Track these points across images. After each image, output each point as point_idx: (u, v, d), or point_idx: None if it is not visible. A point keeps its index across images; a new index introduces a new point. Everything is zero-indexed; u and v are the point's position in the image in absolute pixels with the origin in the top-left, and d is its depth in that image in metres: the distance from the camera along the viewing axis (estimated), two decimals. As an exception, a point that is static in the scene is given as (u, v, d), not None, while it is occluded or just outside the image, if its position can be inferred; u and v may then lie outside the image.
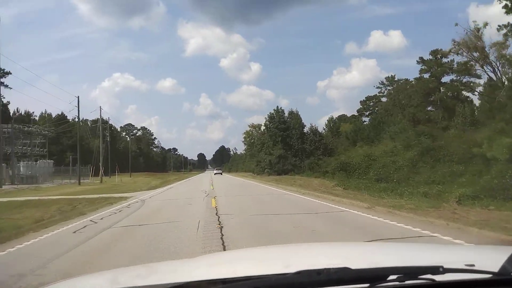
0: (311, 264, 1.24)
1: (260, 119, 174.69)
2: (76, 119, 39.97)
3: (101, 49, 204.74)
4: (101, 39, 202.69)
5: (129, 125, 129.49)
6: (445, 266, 1.09)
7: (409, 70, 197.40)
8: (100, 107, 41.08)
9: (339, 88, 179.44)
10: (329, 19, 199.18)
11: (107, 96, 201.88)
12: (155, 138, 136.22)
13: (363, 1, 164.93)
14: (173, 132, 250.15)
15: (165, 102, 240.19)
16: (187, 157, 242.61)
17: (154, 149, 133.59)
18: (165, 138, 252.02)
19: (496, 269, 1.12)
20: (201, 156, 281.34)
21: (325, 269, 1.06)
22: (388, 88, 71.98)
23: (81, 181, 41.47)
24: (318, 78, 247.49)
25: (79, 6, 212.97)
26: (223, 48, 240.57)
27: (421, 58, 51.14)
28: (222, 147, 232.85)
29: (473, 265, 1.20)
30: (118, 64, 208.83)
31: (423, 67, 51.35)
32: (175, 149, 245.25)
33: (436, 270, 1.09)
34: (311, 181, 36.12)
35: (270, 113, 59.91)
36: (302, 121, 56.87)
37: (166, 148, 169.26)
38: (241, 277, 1.18)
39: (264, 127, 69.58)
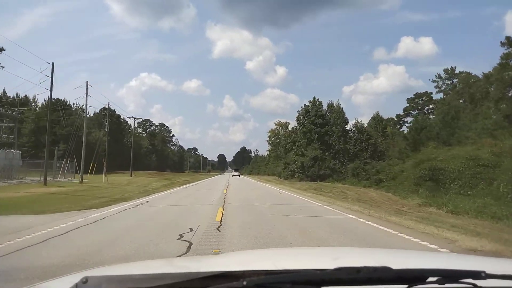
0: (346, 261, 1.27)
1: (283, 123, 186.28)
2: (75, 105, 30.32)
3: (131, 49, 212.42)
4: (132, 40, 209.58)
5: (147, 120, 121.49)
6: (487, 272, 1.07)
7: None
8: (87, 82, 30.79)
9: (365, 94, 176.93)
10: (359, 24, 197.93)
11: (134, 95, 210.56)
12: (173, 135, 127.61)
13: (395, 7, 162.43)
14: (195, 132, 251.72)
15: (190, 102, 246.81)
16: (206, 157, 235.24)
17: (172, 147, 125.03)
18: (187, 138, 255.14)
19: None
20: (221, 157, 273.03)
21: (365, 267, 1.03)
22: (446, 82, 60.26)
23: (60, 179, 31.87)
24: (344, 83, 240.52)
25: (112, 6, 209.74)
26: (249, 51, 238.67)
27: (507, 38, 39.32)
28: (243, 149, 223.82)
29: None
30: (146, 64, 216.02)
31: (508, 51, 39.49)
32: (195, 149, 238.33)
33: (477, 274, 1.06)
34: (366, 193, 25.43)
35: (304, 105, 49.09)
36: (345, 116, 45.77)
37: (186, 148, 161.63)
38: (281, 269, 1.18)
39: (294, 125, 58.81)
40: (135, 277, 1.13)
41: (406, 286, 1.06)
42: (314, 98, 48.56)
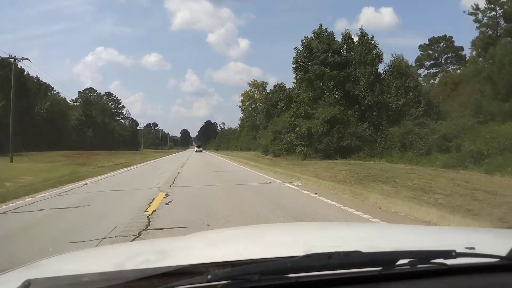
0: (315, 246, 1.25)
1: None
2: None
3: (86, 23, 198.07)
4: (86, 12, 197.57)
5: (90, 89, 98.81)
6: (457, 250, 1.07)
7: (402, 49, 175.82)
8: None
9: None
10: None
11: (90, 71, 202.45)
12: (123, 106, 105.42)
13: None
14: (157, 108, 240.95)
15: (150, 78, 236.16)
16: (167, 133, 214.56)
17: (123, 121, 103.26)
18: (149, 114, 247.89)
19: (504, 253, 1.10)
20: (184, 132, 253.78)
21: (336, 252, 1.01)
22: (489, 14, 43.41)
23: None
24: None
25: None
26: (211, 22, 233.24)
27: None
28: (208, 122, 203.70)
29: (474, 248, 1.18)
30: (103, 38, 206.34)
31: None
32: (155, 124, 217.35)
33: (448, 254, 1.06)
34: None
35: (304, 39, 30.46)
36: (378, 50, 27.75)
37: (145, 123, 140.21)
38: (248, 259, 1.12)
39: (274, 83, 40.32)
40: (85, 277, 1.02)
41: (378, 269, 1.04)
42: (320, 26, 30.01)
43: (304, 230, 2.05)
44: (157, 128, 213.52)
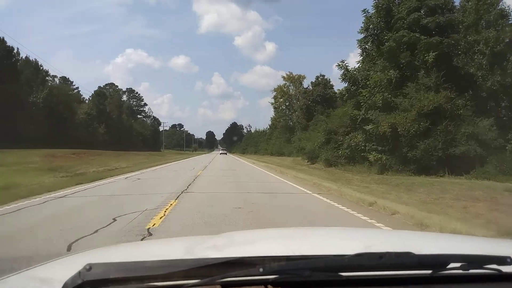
0: (365, 246, 1.23)
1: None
2: None
3: (116, 24, 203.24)
4: (116, 14, 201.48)
5: (111, 84, 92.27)
6: None
7: None
8: None
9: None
10: None
11: (120, 72, 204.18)
12: (145, 104, 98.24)
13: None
14: (185, 111, 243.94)
15: (178, 80, 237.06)
16: (192, 135, 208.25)
17: (144, 119, 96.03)
18: (176, 116, 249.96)
19: None
20: (210, 134, 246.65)
21: (387, 252, 1.00)
22: None
23: None
24: (334, 60, 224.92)
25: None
26: (238, 26, 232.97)
27: None
28: (234, 124, 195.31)
29: None
30: (132, 40, 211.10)
31: None
32: (180, 125, 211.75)
33: (503, 260, 1.01)
34: None
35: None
36: (508, 7, 17.78)
37: (170, 124, 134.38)
38: (299, 255, 1.14)
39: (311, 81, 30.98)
40: (145, 264, 1.03)
41: (429, 272, 1.03)
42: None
43: (351, 234, 1.98)
44: (182, 129, 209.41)
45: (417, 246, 1.38)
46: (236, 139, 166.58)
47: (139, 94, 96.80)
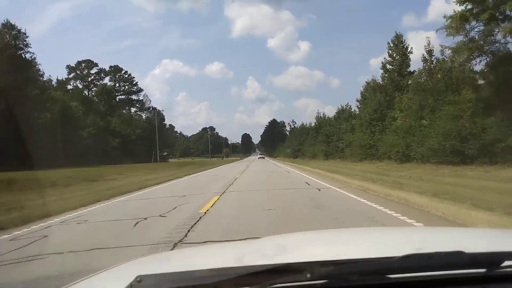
0: (414, 247, 1.19)
1: (309, 101, 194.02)
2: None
3: (154, 37, 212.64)
4: (153, 27, 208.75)
5: (116, 68, 66.73)
6: None
7: None
8: None
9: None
10: None
11: (158, 83, 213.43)
12: (139, 90, 69.80)
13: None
14: (222, 117, 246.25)
15: (214, 86, 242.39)
16: (225, 138, 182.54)
17: (138, 113, 68.23)
18: (214, 122, 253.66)
19: None
20: (246, 137, 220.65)
21: (436, 253, 0.98)
22: None
23: None
24: (372, 55, 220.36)
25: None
26: (270, 27, 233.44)
27: None
28: (273, 122, 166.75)
29: None
30: (168, 51, 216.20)
31: None
32: (211, 128, 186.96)
33: None
34: None
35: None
36: None
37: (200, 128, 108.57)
38: (346, 259, 1.12)
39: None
40: (195, 274, 1.06)
41: (483, 270, 0.99)
42: None
43: (397, 235, 1.98)
44: (215, 132, 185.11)
45: (467, 244, 1.34)
46: (276, 140, 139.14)
47: (130, 75, 69.37)
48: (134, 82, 68.25)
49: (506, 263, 0.99)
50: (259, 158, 73.31)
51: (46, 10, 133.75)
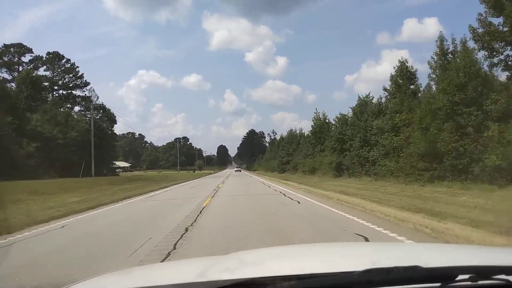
0: (373, 262, 1.24)
1: (286, 115, 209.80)
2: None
3: (129, 47, 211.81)
4: (128, 37, 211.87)
5: (55, 55, 51.87)
6: None
7: None
8: None
9: (368, 82, 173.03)
10: (361, 7, 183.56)
11: (134, 93, 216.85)
12: (84, 83, 54.41)
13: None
14: (199, 129, 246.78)
15: (191, 98, 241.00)
16: (199, 149, 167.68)
17: (87, 113, 53.43)
18: (191, 134, 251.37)
19: None
20: (222, 149, 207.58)
21: (395, 267, 1.01)
22: None
23: None
24: (347, 71, 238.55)
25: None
26: (249, 41, 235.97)
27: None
28: (252, 133, 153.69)
29: None
30: (144, 61, 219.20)
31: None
32: (185, 138, 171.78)
33: (511, 270, 1.04)
34: None
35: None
36: None
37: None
38: (309, 274, 1.13)
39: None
40: None
41: (438, 284, 1.02)
42: None
43: (359, 249, 2.00)
44: (188, 142, 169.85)
45: (425, 258, 1.37)
46: (255, 152, 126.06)
47: (74, 65, 53.58)
48: (79, 74, 53.57)
49: (460, 277, 1.01)
50: (235, 171, 70.69)
51: (19, 18, 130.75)
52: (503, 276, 1.02)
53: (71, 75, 52.95)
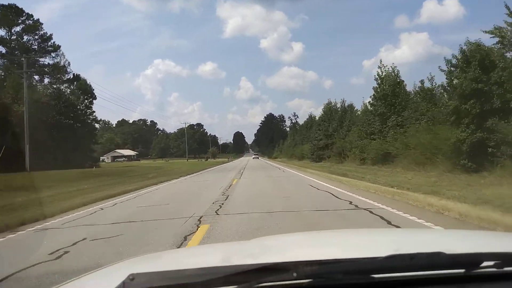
0: (396, 248, 1.22)
1: (302, 102, 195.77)
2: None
3: (144, 37, 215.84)
4: (144, 27, 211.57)
5: (11, 8, 39.14)
6: None
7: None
8: None
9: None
10: None
11: (150, 83, 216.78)
12: (54, 45, 41.33)
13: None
14: (214, 117, 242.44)
15: (206, 87, 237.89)
16: (214, 136, 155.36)
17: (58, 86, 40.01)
18: (207, 123, 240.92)
19: None
20: (238, 136, 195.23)
21: (418, 253, 1.02)
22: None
23: None
24: (364, 56, 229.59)
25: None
26: (263, 27, 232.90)
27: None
28: (270, 117, 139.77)
29: None
30: (160, 50, 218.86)
31: None
32: (199, 125, 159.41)
33: None
34: None
35: None
36: None
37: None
38: (331, 259, 1.14)
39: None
40: (185, 272, 1.09)
41: (462, 270, 1.02)
42: None
43: (382, 236, 1.98)
44: (203, 130, 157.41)
45: (448, 245, 1.38)
46: (274, 138, 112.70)
47: (38, 22, 39.97)
48: (46, 36, 40.61)
49: (485, 263, 1.00)
50: (253, 158, 67.90)
51: (36, 11, 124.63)
52: None
53: (36, 37, 40.14)
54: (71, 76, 39.29)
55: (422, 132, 17.13)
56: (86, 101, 38.06)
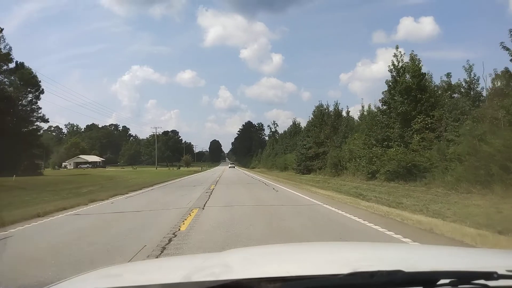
0: (358, 265, 1.25)
1: (280, 113, 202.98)
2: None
3: (123, 42, 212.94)
4: (123, 32, 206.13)
5: None
6: (499, 272, 1.06)
7: (442, 63, 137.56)
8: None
9: (362, 80, 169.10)
10: (358, 5, 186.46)
11: (127, 89, 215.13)
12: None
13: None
14: (192, 126, 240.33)
15: (185, 95, 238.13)
16: (189, 143, 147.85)
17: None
18: (184, 131, 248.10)
19: None
20: (215, 144, 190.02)
21: (379, 271, 1.05)
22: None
23: None
24: (342, 70, 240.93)
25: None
26: (244, 38, 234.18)
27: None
28: (249, 125, 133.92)
29: None
30: (138, 57, 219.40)
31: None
32: (174, 132, 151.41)
33: (489, 275, 1.06)
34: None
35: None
36: None
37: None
38: (295, 276, 1.17)
39: None
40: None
41: None
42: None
43: (347, 250, 1.99)
44: (177, 137, 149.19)
45: (409, 261, 1.44)
46: (252, 147, 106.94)
47: None
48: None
49: (441, 281, 1.04)
50: (229, 167, 69.02)
51: (13, 12, 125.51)
52: (481, 281, 1.05)
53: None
54: (14, 66, 32.57)
55: (476, 136, 11.87)
56: (30, 94, 31.37)
